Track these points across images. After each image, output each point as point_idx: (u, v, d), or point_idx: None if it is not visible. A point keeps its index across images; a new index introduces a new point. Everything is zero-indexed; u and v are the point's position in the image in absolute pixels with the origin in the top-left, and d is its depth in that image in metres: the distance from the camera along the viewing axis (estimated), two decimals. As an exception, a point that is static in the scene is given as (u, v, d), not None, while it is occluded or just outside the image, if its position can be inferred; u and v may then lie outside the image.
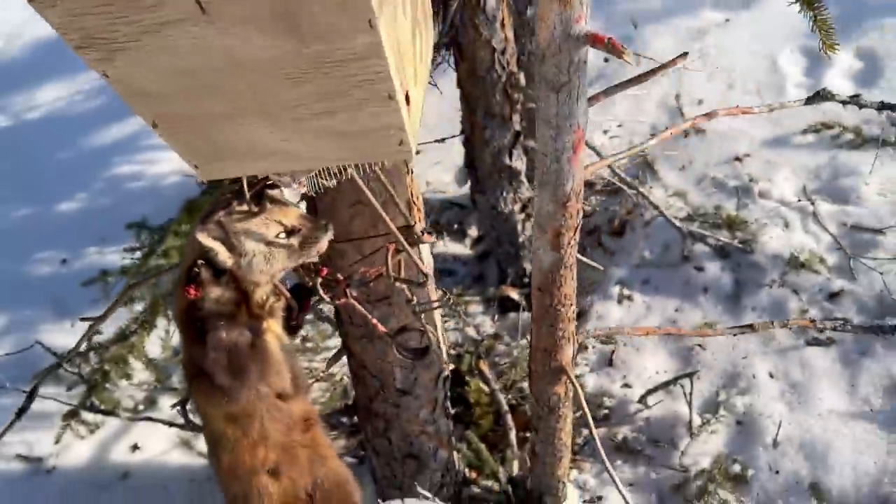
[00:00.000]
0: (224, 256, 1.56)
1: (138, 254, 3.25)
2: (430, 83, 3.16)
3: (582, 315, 3.33)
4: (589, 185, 3.93)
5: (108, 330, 3.12)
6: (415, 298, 1.80)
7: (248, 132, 1.18)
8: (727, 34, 4.28)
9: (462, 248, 3.96)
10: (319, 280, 1.76)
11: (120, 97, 1.12)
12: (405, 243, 1.71)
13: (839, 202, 3.32)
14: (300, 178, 1.34)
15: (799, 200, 3.37)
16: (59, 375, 3.15)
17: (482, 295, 3.66)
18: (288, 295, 1.81)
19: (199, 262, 1.58)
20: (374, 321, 1.80)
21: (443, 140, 3.66)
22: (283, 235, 1.58)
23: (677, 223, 3.24)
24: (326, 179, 1.46)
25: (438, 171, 4.31)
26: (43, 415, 3.21)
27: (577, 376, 3.02)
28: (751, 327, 2.22)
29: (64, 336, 3.53)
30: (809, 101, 2.17)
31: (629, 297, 3.30)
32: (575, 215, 1.79)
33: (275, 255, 1.60)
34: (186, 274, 1.61)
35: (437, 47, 2.87)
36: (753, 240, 3.22)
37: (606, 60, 4.46)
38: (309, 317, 3.62)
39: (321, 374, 3.31)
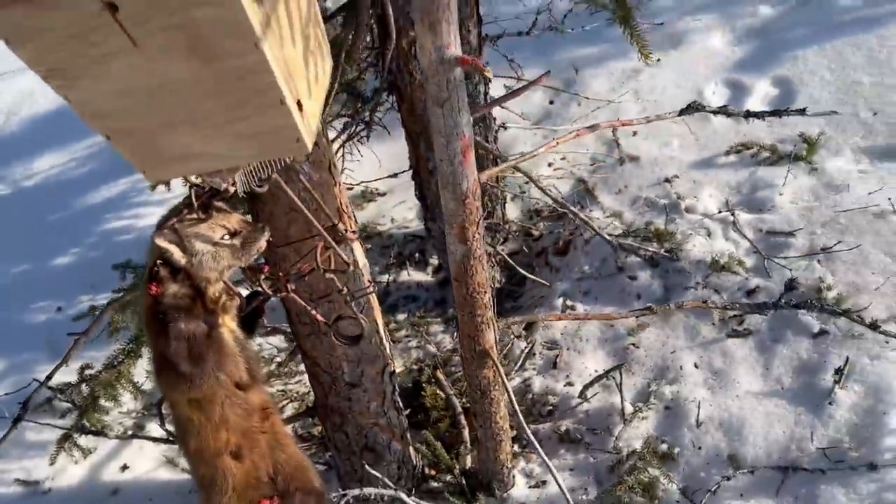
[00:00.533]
0: (178, 256, 1.89)
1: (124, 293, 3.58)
2: (379, 127, 3.58)
3: (531, 326, 3.64)
4: (537, 212, 4.30)
5: (98, 364, 3.43)
6: (345, 289, 2.11)
7: (180, 139, 1.53)
8: (657, 73, 4.71)
9: (424, 276, 4.30)
10: (262, 277, 2.09)
11: (83, 121, 1.48)
12: (331, 240, 2.04)
13: (756, 211, 3.67)
14: (229, 177, 1.69)
15: (720, 212, 3.72)
16: (53, 406, 3.46)
17: (442, 317, 3.98)
18: (239, 291, 2.14)
19: (158, 262, 1.92)
20: (313, 311, 2.12)
21: (395, 175, 4.07)
22: (227, 237, 1.92)
23: (609, 238, 3.57)
24: (256, 185, 1.81)
25: (402, 209, 4.68)
26: (39, 444, 3.50)
27: (525, 379, 3.34)
28: (649, 309, 2.54)
29: (58, 375, 3.82)
30: (683, 112, 2.55)
31: (572, 307, 3.61)
32: (475, 211, 2.14)
33: (221, 254, 1.94)
34: (148, 273, 1.95)
35: (379, 92, 3.28)
36: (679, 249, 3.55)
37: (552, 102, 4.89)
38: (284, 345, 3.94)
39: (295, 395, 3.61)
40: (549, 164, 4.46)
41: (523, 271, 3.76)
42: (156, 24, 1.29)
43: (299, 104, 1.52)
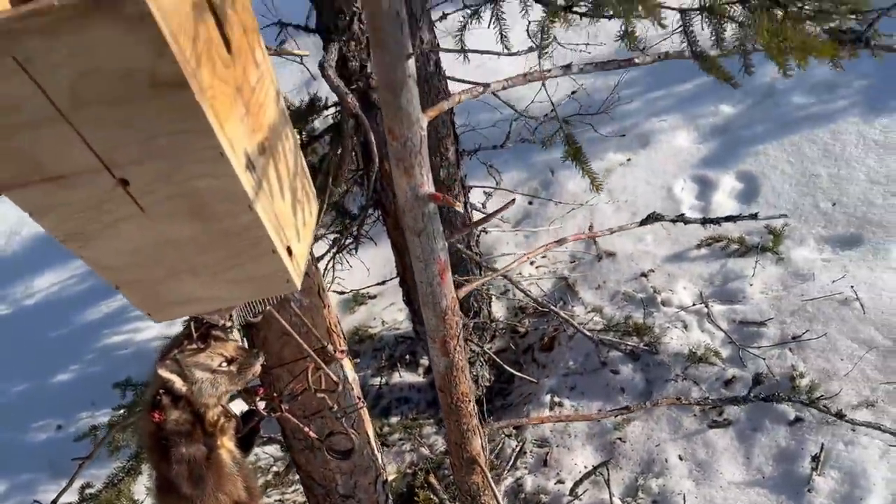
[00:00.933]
0: (179, 385, 2.03)
1: (125, 411, 3.68)
2: (366, 238, 3.78)
3: (521, 425, 3.74)
4: (521, 309, 4.46)
5: (98, 483, 3.50)
6: (336, 406, 2.25)
7: (182, 286, 1.71)
8: (629, 172, 4.98)
9: (416, 377, 4.42)
10: (258, 398, 2.22)
11: (94, 272, 1.66)
12: (321, 363, 2.19)
13: (728, 302, 3.85)
14: (226, 315, 1.86)
15: (694, 304, 3.90)
16: (54, 529, 3.49)
17: (435, 417, 4.08)
18: (235, 413, 2.27)
19: (161, 391, 2.06)
20: (306, 429, 2.25)
21: (383, 283, 4.25)
22: (224, 364, 2.06)
23: (590, 334, 3.73)
24: (250, 318, 1.98)
25: (392, 311, 4.84)
26: (39, 569, 3.51)
27: (517, 479, 3.43)
28: (627, 409, 2.67)
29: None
30: (644, 222, 2.75)
31: (559, 404, 3.73)
32: (455, 326, 2.30)
33: (219, 381, 2.08)
34: (151, 402, 2.08)
35: (365, 208, 3.50)
36: (657, 342, 3.71)
37: (530, 203, 5.13)
38: (280, 454, 4.02)
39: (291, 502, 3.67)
40: (532, 263, 4.66)
41: (511, 369, 3.89)
42: (162, 194, 1.48)
43: (289, 249, 1.70)
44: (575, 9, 2.03)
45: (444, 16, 3.75)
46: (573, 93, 5.48)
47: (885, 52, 2.21)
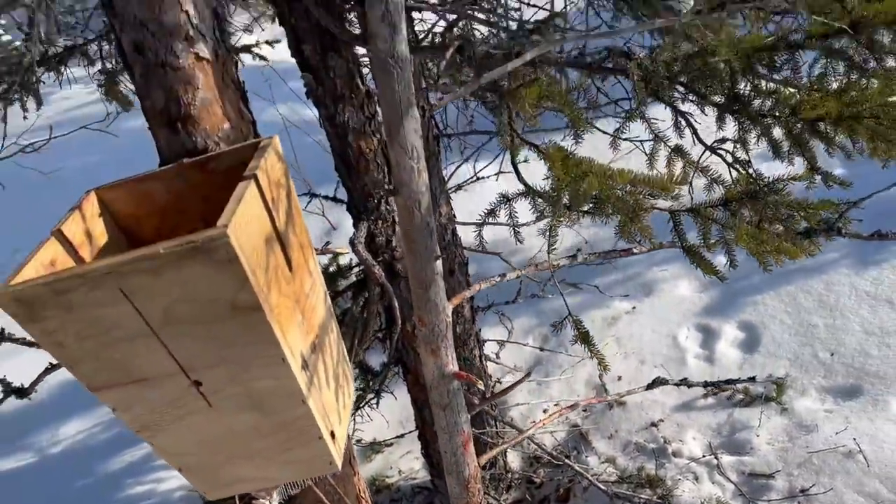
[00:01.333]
0: (224, 553, 2.19)
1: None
2: (386, 392, 3.98)
3: (538, 580, 3.78)
4: (536, 458, 4.57)
5: None
6: (366, 572, 2.38)
7: (238, 469, 1.91)
8: (635, 320, 5.22)
9: (433, 530, 4.47)
10: (293, 566, 2.37)
11: (120, 422, 1.88)
12: (353, 529, 2.35)
13: (737, 454, 3.97)
14: (272, 492, 2.05)
15: (704, 456, 4.02)
16: None
17: (453, 572, 4.11)
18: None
19: (206, 560, 2.21)
20: None
21: (402, 436, 4.41)
22: (264, 533, 2.23)
23: (604, 487, 3.83)
24: (292, 490, 2.17)
25: (409, 460, 4.94)
26: None
27: None
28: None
29: None
30: (650, 386, 2.96)
31: (576, 558, 3.79)
32: (477, 493, 2.47)
33: (259, 549, 2.24)
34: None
35: (388, 365, 3.72)
36: (670, 495, 3.81)
37: (542, 349, 5.34)
38: None
39: None
40: (544, 411, 4.81)
41: (527, 522, 3.97)
42: (229, 392, 1.72)
43: (332, 433, 1.92)
44: (578, 209, 2.34)
45: (459, 187, 4.15)
46: (578, 251, 5.81)
47: (855, 238, 2.50)
